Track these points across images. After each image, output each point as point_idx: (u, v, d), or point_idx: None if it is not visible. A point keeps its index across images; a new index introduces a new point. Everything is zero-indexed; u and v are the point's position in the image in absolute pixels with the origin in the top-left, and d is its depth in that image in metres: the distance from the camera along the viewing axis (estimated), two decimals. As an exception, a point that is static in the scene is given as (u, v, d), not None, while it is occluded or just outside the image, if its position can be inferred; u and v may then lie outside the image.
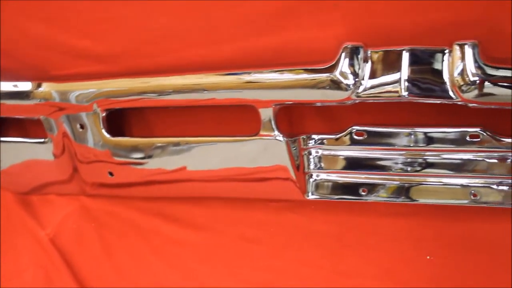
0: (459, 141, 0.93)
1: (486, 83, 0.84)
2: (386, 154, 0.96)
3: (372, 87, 0.89)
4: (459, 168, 0.94)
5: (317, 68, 0.91)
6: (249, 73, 0.96)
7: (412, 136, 0.94)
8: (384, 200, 0.97)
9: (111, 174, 1.12)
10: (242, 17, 0.99)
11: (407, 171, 0.96)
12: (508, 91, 0.85)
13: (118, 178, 1.13)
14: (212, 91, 0.98)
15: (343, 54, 0.89)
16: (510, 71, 0.85)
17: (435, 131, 0.94)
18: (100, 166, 1.12)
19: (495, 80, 0.84)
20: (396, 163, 0.96)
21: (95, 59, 1.07)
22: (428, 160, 0.95)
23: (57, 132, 1.13)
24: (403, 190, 0.97)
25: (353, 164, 0.97)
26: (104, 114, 1.08)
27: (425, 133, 0.94)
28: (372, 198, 0.98)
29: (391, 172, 0.96)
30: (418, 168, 0.95)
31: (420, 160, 0.94)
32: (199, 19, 1.01)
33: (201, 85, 0.98)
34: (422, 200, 0.97)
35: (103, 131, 1.09)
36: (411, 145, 0.94)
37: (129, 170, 1.11)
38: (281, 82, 0.93)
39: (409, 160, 0.95)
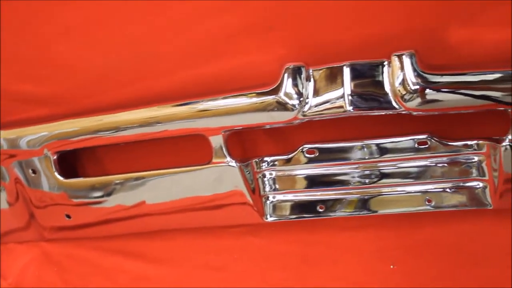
0: (409, 150, 0.94)
1: (427, 90, 0.85)
2: (339, 169, 0.97)
3: (317, 105, 0.89)
4: (411, 176, 0.95)
5: (262, 92, 0.92)
6: (200, 101, 0.94)
7: (363, 149, 0.95)
8: (342, 215, 0.98)
9: (68, 216, 1.11)
10: (182, 48, 0.99)
11: (361, 184, 0.97)
12: (450, 96, 0.85)
13: (76, 220, 1.11)
14: (166, 123, 0.97)
15: (286, 75, 0.90)
16: (449, 76, 0.85)
17: (385, 142, 0.95)
18: (57, 209, 1.11)
19: (435, 87, 0.86)
20: (350, 177, 0.97)
21: (39, 102, 1.07)
22: (381, 171, 0.96)
23: (9, 180, 1.11)
24: (360, 203, 0.97)
25: (308, 182, 0.98)
26: (55, 157, 1.07)
27: (375, 144, 0.95)
28: (330, 214, 0.98)
29: (346, 186, 0.97)
30: (372, 180, 0.96)
31: (373, 172, 0.95)
32: (139, 53, 1.01)
33: (155, 117, 0.97)
34: (380, 211, 0.97)
35: (56, 174, 1.07)
36: (363, 157, 0.95)
37: (86, 210, 1.10)
38: (228, 109, 0.93)
39: (362, 172, 0.96)
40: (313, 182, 0.98)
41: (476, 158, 0.92)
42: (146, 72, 1.02)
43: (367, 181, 0.96)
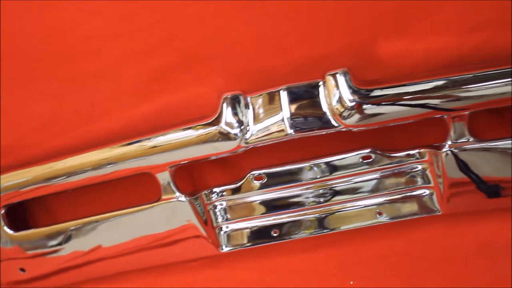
0: (354, 165, 0.95)
1: (364, 105, 0.87)
2: (288, 192, 0.97)
3: (259, 131, 0.90)
4: (360, 190, 0.96)
5: (203, 124, 0.92)
6: (147, 139, 0.95)
7: (309, 169, 0.95)
8: (297, 237, 0.98)
9: (22, 270, 1.08)
10: (124, 87, 0.99)
11: (312, 204, 0.97)
12: (387, 108, 0.87)
13: (31, 272, 1.09)
14: (115, 164, 0.96)
15: (224, 105, 0.90)
16: (384, 90, 0.87)
17: (330, 160, 0.96)
18: (10, 264, 1.08)
19: (371, 102, 0.87)
20: (300, 198, 0.97)
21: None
22: (330, 190, 0.97)
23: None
24: (313, 223, 0.98)
25: (259, 208, 0.98)
26: (3, 211, 1.04)
27: (320, 164, 0.96)
28: (284, 238, 0.98)
29: (296, 208, 0.97)
30: (322, 199, 0.96)
31: (322, 191, 0.96)
32: (82, 97, 1.01)
33: (106, 159, 0.97)
34: (333, 229, 0.98)
35: (6, 228, 1.05)
36: (310, 178, 0.96)
37: (41, 261, 1.08)
38: (171, 144, 0.93)
39: (311, 193, 0.96)
40: (265, 207, 0.99)
41: (419, 167, 0.94)
42: (90, 115, 1.01)
43: (317, 200, 0.96)
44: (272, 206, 0.98)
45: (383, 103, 0.87)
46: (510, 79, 0.86)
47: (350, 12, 0.91)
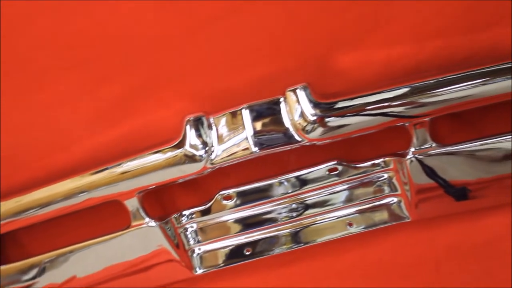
0: (321, 178, 0.96)
1: (326, 118, 0.87)
2: (258, 209, 0.97)
3: (224, 151, 0.91)
4: (329, 203, 0.97)
5: (168, 147, 0.92)
6: (114, 165, 0.94)
7: (277, 185, 0.95)
8: (270, 254, 0.98)
9: (-5, 307, 1.07)
10: (87, 116, 0.99)
11: (283, 219, 0.98)
12: (349, 120, 0.88)
13: (5, 309, 1.07)
14: (86, 192, 0.96)
15: (188, 127, 0.90)
16: (345, 101, 0.88)
17: (297, 175, 0.96)
18: (-17, 302, 1.06)
19: (333, 114, 0.88)
20: (270, 215, 0.98)
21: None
22: (299, 204, 0.97)
23: None
24: (285, 239, 0.98)
25: (230, 227, 0.98)
26: (-28, 250, 1.03)
27: (288, 179, 0.96)
28: (257, 256, 0.98)
29: (267, 225, 0.98)
30: (293, 214, 0.97)
31: (291, 206, 0.97)
32: (44, 127, 1.00)
33: (76, 188, 0.96)
34: (305, 244, 0.99)
35: (-24, 266, 1.04)
36: (278, 194, 0.97)
37: (15, 297, 1.06)
38: (137, 170, 0.93)
39: (281, 208, 0.96)
40: (236, 226, 0.99)
41: (385, 175, 0.94)
42: (54, 145, 1.01)
43: (287, 216, 0.97)
44: (243, 225, 0.98)
45: (345, 115, 0.87)
46: (469, 83, 0.86)
47: (306, 26, 0.92)
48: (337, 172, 0.94)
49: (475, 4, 0.91)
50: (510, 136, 0.91)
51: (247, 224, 0.98)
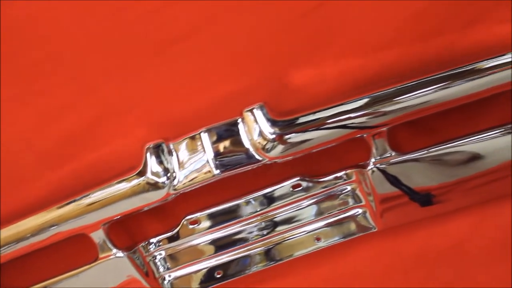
0: (286, 195, 0.96)
1: (285, 136, 0.88)
2: (225, 231, 0.97)
3: (186, 176, 0.90)
4: (296, 219, 0.97)
5: (130, 176, 0.92)
6: (76, 199, 0.93)
7: (243, 205, 0.95)
8: (241, 275, 0.98)
9: None
10: (44, 149, 0.98)
11: (254, 238, 0.98)
12: (308, 135, 0.88)
13: None
14: (54, 227, 0.94)
15: (148, 155, 0.90)
16: (303, 117, 0.88)
17: (261, 194, 0.97)
18: None
19: (291, 131, 0.88)
20: (238, 236, 0.97)
21: None
22: (267, 223, 0.98)
23: None
24: (255, 259, 0.98)
25: (199, 252, 0.98)
26: None
27: (252, 199, 0.97)
28: (229, 277, 0.98)
29: (236, 246, 0.98)
30: (262, 233, 0.97)
31: (259, 225, 0.97)
32: (3, 167, 0.98)
33: (45, 223, 0.95)
34: (275, 262, 0.99)
35: None
36: (245, 214, 0.97)
37: None
38: (100, 202, 0.92)
39: (248, 228, 0.97)
40: (204, 250, 0.99)
41: (349, 187, 0.95)
42: (13, 182, 0.99)
43: (255, 236, 0.97)
44: (212, 248, 0.98)
45: (303, 130, 0.88)
46: (424, 90, 0.87)
47: (260, 46, 0.93)
48: (301, 188, 0.95)
49: (423, 12, 0.92)
50: (467, 140, 0.92)
51: (217, 246, 0.98)
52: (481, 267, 0.97)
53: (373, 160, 0.92)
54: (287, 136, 0.88)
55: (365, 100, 0.89)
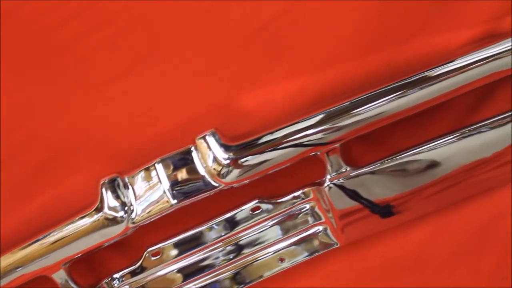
0: (246, 219, 0.96)
1: (239, 160, 0.88)
2: (191, 259, 0.97)
3: (144, 209, 0.90)
4: (259, 241, 0.97)
5: (87, 213, 0.91)
6: (35, 241, 0.92)
7: (204, 233, 0.95)
8: (208, 303, 0.97)
9: None
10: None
11: (218, 264, 0.98)
12: (263, 157, 0.89)
13: None
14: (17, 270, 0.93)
15: (104, 190, 0.89)
16: (255, 141, 0.89)
17: (223, 219, 0.96)
18: None
19: (245, 154, 0.89)
20: (205, 262, 0.97)
21: None
22: (232, 246, 0.97)
23: None
24: (224, 283, 0.99)
25: (163, 282, 0.97)
26: None
27: (216, 223, 0.97)
28: (196, 305, 0.97)
29: (204, 272, 0.98)
30: (227, 258, 0.98)
31: (226, 250, 0.97)
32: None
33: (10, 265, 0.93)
34: (245, 284, 0.98)
35: None
36: (210, 240, 0.97)
37: None
38: (59, 242, 0.91)
39: (215, 254, 0.97)
40: (171, 280, 0.99)
41: (307, 206, 0.96)
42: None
43: (220, 261, 0.97)
44: (178, 277, 0.98)
45: (256, 153, 0.89)
46: (373, 104, 0.89)
47: (205, 74, 0.94)
48: (260, 210, 0.95)
49: (363, 28, 0.94)
50: (420, 148, 0.93)
51: (183, 275, 0.98)
52: (441, 274, 0.98)
53: (328, 176, 0.93)
54: (241, 160, 0.89)
55: (315, 118, 0.90)
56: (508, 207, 0.98)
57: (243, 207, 0.95)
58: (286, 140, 0.89)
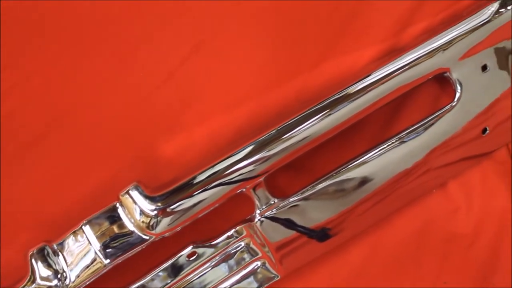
0: (184, 265, 0.95)
1: (166, 209, 0.87)
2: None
3: (77, 274, 0.89)
4: (203, 285, 0.96)
5: (20, 287, 0.88)
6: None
7: (150, 282, 0.95)
8: None
9: None
10: None
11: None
12: (193, 200, 0.89)
13: None
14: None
15: (33, 261, 0.88)
16: (179, 188, 0.89)
17: (163, 268, 0.95)
18: None
19: (171, 202, 0.88)
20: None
21: None
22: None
23: None
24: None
25: None
26: None
27: (156, 274, 0.96)
28: None
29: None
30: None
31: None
32: None
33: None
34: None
35: None
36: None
37: None
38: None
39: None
40: None
41: (242, 243, 0.96)
42: None
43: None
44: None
45: (181, 199, 0.88)
46: (289, 133, 0.89)
47: (121, 127, 0.93)
48: (196, 255, 0.94)
49: (272, 60, 0.95)
50: (346, 167, 0.95)
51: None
52: (386, 283, 1.00)
53: (258, 211, 0.93)
54: (168, 210, 0.89)
55: (236, 156, 0.91)
56: (436, 212, 1.00)
57: (179, 255, 0.95)
58: (209, 181, 0.90)
